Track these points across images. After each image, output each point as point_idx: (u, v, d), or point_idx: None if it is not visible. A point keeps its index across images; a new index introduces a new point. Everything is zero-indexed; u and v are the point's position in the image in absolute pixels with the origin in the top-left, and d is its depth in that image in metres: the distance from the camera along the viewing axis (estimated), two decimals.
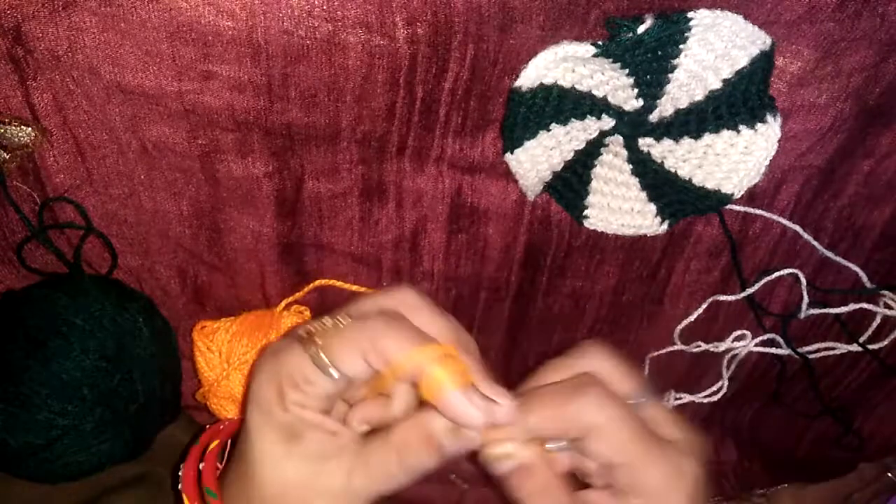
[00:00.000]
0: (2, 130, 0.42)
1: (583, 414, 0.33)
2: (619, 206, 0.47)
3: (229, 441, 0.41)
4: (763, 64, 0.41)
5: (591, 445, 0.34)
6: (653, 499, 0.34)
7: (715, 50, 0.40)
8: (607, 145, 0.45)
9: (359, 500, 0.35)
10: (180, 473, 0.38)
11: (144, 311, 0.49)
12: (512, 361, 0.58)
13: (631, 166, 0.45)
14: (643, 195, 0.46)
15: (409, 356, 0.32)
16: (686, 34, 0.39)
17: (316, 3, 0.38)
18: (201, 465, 0.38)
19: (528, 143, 0.43)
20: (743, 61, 0.40)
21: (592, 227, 0.48)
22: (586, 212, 0.47)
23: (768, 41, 0.40)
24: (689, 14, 0.39)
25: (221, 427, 0.42)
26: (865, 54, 0.42)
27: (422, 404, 0.35)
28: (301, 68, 0.40)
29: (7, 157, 0.44)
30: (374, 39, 0.39)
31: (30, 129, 0.43)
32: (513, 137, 0.43)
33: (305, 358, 0.34)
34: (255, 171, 0.45)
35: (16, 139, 0.43)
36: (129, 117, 0.43)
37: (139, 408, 0.47)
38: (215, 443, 0.40)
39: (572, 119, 0.42)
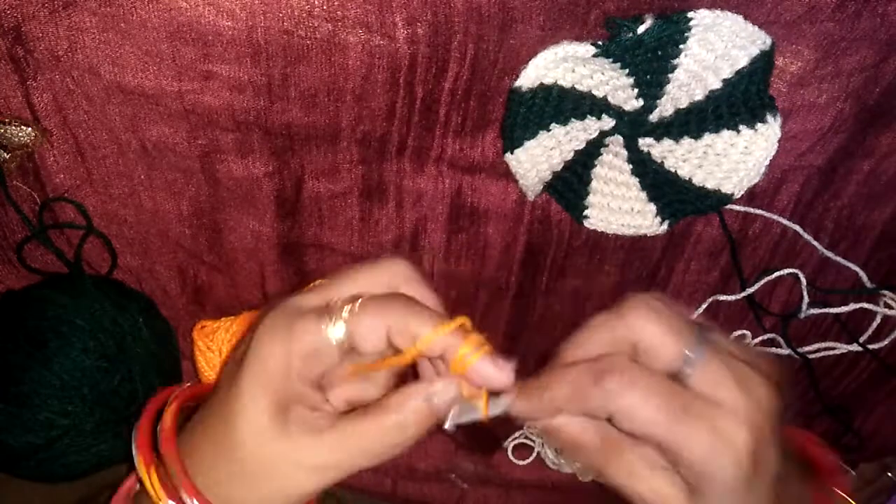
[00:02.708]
0: (2, 130, 0.42)
1: (606, 402, 0.33)
2: (619, 206, 0.47)
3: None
4: (763, 64, 0.41)
5: (623, 425, 0.33)
6: (695, 472, 0.33)
7: (715, 50, 0.40)
8: (607, 145, 0.45)
9: (343, 473, 0.35)
10: (133, 434, 0.37)
11: (144, 311, 0.49)
12: (511, 361, 0.58)
13: (631, 166, 0.45)
14: (643, 195, 0.46)
15: (436, 333, 0.33)
16: (686, 34, 0.39)
17: (316, 3, 0.38)
18: (159, 427, 0.37)
19: (528, 143, 0.43)
20: (743, 61, 0.40)
21: (592, 227, 0.48)
22: (586, 212, 0.47)
23: (768, 41, 0.40)
24: (689, 14, 0.39)
25: (179, 390, 0.41)
26: (865, 54, 0.42)
27: (398, 385, 0.36)
28: (301, 68, 0.40)
29: (7, 157, 0.44)
30: (374, 39, 0.39)
31: (30, 129, 0.43)
32: (513, 137, 0.43)
33: (323, 334, 0.34)
34: (255, 171, 0.45)
35: (16, 139, 0.43)
36: (129, 117, 0.43)
37: (139, 408, 0.47)
38: (174, 406, 0.39)
39: (572, 119, 0.42)
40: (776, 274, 0.53)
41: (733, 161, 0.44)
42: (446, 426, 0.34)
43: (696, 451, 0.32)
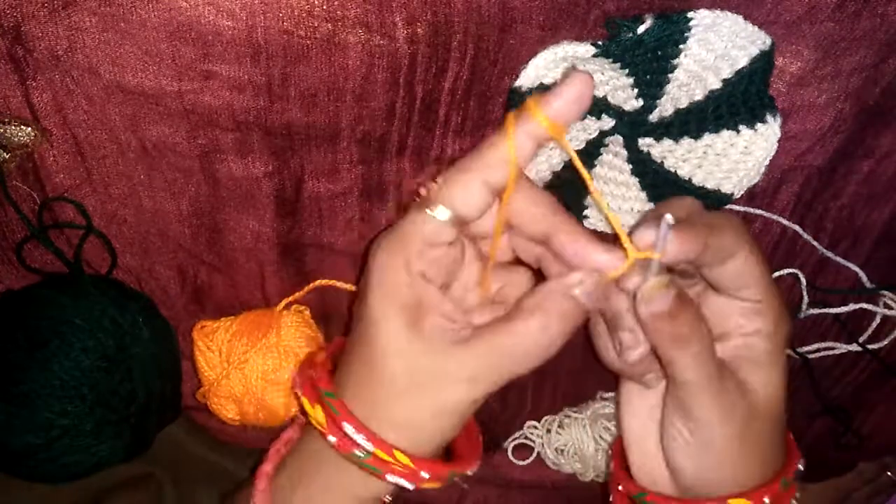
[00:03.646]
0: (2, 130, 0.42)
1: (731, 238, 0.35)
2: (619, 206, 0.47)
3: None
4: (763, 64, 0.41)
5: (733, 267, 0.35)
6: (780, 320, 0.38)
7: (715, 50, 0.40)
8: (607, 145, 0.45)
9: (496, 383, 0.35)
10: (295, 379, 0.38)
11: (144, 311, 0.49)
12: None
13: (631, 166, 0.45)
14: (643, 195, 0.46)
15: (515, 122, 0.33)
16: (686, 34, 0.39)
17: (316, 3, 0.38)
18: (313, 372, 0.38)
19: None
20: (743, 61, 0.40)
21: (592, 228, 0.48)
22: (586, 212, 0.47)
23: (768, 41, 0.40)
24: (689, 14, 0.39)
25: (327, 346, 0.42)
26: (865, 54, 0.42)
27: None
28: (301, 68, 0.40)
29: (7, 156, 0.44)
30: (374, 39, 0.39)
31: (30, 129, 0.43)
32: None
33: (423, 215, 0.34)
34: (255, 171, 0.45)
35: (16, 139, 0.43)
36: (129, 117, 0.43)
37: (139, 408, 0.47)
38: (323, 354, 0.40)
39: None
40: (776, 274, 0.53)
41: (733, 161, 0.44)
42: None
43: (779, 304, 0.38)
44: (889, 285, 0.54)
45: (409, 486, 0.36)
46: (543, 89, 0.41)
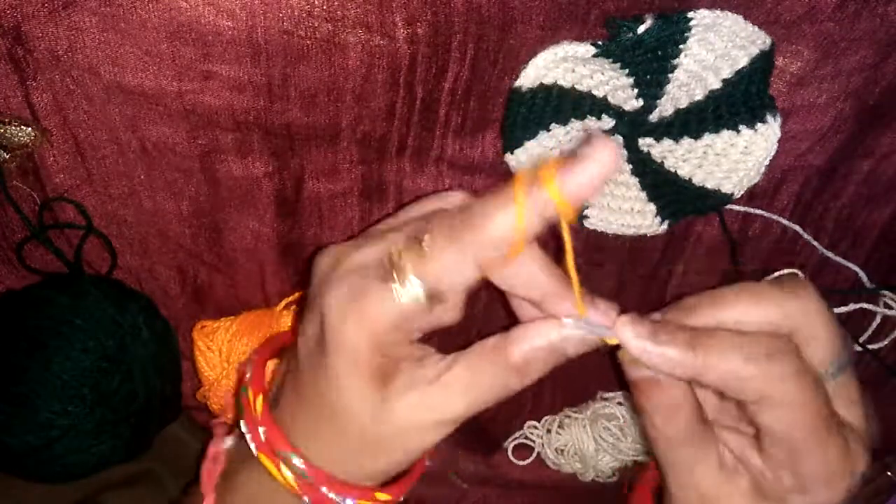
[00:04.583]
0: (2, 130, 0.42)
1: (768, 381, 0.29)
2: (619, 206, 0.47)
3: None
4: (763, 64, 0.41)
5: (764, 412, 0.30)
6: (809, 483, 0.31)
7: (715, 50, 0.40)
8: None
9: (466, 417, 0.33)
10: (246, 435, 0.35)
11: (144, 311, 0.49)
12: None
13: (631, 166, 0.45)
14: (643, 195, 0.46)
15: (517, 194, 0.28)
16: (686, 34, 0.39)
17: (316, 3, 0.38)
18: (262, 430, 0.35)
19: (528, 143, 0.43)
20: (743, 61, 0.40)
21: (592, 227, 0.48)
22: (586, 212, 0.47)
23: (768, 41, 0.40)
24: (689, 14, 0.39)
25: (249, 375, 0.38)
26: (865, 54, 0.42)
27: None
28: (301, 68, 0.40)
29: (7, 157, 0.44)
30: (374, 39, 0.39)
31: (30, 129, 0.43)
32: (513, 137, 0.43)
33: (400, 300, 0.30)
34: (255, 171, 0.45)
35: (16, 139, 0.43)
36: (129, 117, 0.43)
37: (139, 408, 0.47)
38: (259, 399, 0.36)
39: (572, 119, 0.42)
40: (776, 274, 0.52)
41: (733, 161, 0.44)
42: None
43: (818, 468, 0.30)
44: (889, 285, 0.54)
45: None
46: (544, 89, 0.41)
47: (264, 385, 0.38)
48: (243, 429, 0.36)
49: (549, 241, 0.45)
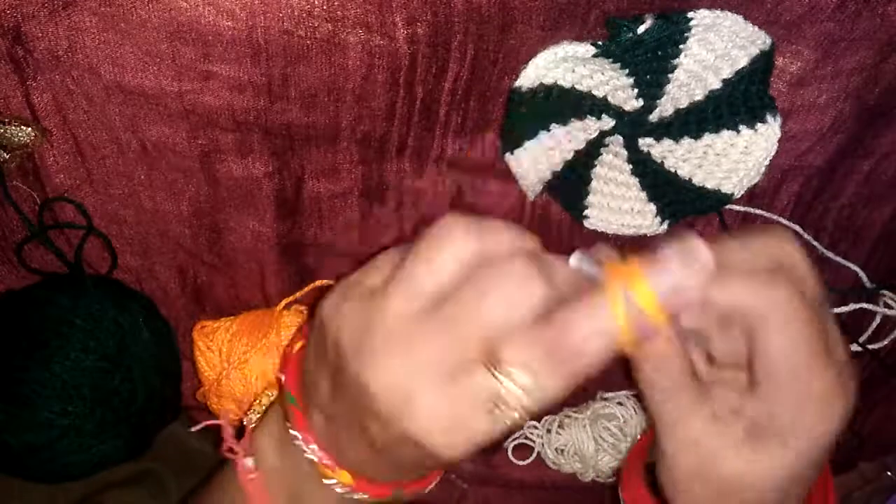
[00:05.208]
0: (2, 130, 0.42)
1: (772, 300, 0.30)
2: (619, 206, 0.47)
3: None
4: (763, 64, 0.41)
5: (765, 334, 0.30)
6: (808, 406, 0.31)
7: (715, 50, 0.40)
8: (607, 145, 0.45)
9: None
10: (315, 458, 0.35)
11: (144, 311, 0.49)
12: None
13: (631, 166, 0.45)
14: (643, 195, 0.46)
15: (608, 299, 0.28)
16: (686, 34, 0.39)
17: (316, 3, 0.38)
18: (313, 451, 0.35)
19: (528, 143, 0.43)
20: (743, 61, 0.40)
21: (592, 228, 0.48)
22: (586, 212, 0.47)
23: (768, 41, 0.40)
24: (689, 14, 0.39)
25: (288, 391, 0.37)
26: (865, 54, 0.42)
27: None
28: (301, 68, 0.40)
29: (7, 157, 0.44)
30: (374, 39, 0.39)
31: (30, 129, 0.43)
32: (513, 137, 0.43)
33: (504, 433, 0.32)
34: (255, 171, 0.45)
35: (16, 139, 0.43)
36: (129, 117, 0.43)
37: (139, 408, 0.47)
38: (297, 417, 0.35)
39: (572, 119, 0.42)
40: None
41: (733, 161, 0.44)
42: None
43: (819, 392, 0.31)
44: (889, 285, 0.54)
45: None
46: (544, 89, 0.41)
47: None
48: (314, 456, 0.35)
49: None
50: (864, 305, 0.54)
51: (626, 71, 0.40)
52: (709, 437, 0.33)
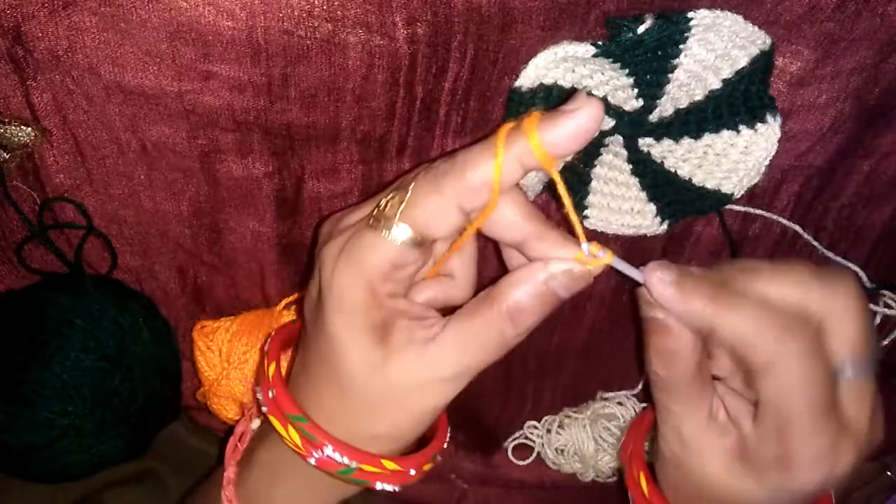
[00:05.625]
0: (2, 130, 0.42)
1: (774, 352, 0.30)
2: (619, 206, 0.47)
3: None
4: (763, 64, 0.41)
5: (763, 383, 0.31)
6: (791, 467, 0.31)
7: (715, 50, 0.40)
8: (607, 145, 0.45)
9: (469, 376, 0.33)
10: (259, 397, 0.36)
11: (144, 311, 0.49)
12: (511, 362, 0.58)
13: (631, 166, 0.45)
14: (643, 195, 0.46)
15: (498, 150, 0.30)
16: (686, 34, 0.39)
17: (316, 3, 0.38)
18: (271, 394, 0.36)
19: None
20: (743, 61, 0.40)
21: (592, 228, 0.48)
22: (586, 212, 0.47)
23: (768, 41, 0.40)
24: (689, 14, 0.39)
25: (268, 348, 0.39)
26: (865, 54, 0.42)
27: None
28: (301, 68, 0.40)
29: (7, 157, 0.44)
30: (374, 39, 0.39)
31: (30, 129, 0.43)
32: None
33: (388, 240, 0.31)
34: (255, 171, 0.45)
35: (16, 139, 0.43)
36: (129, 117, 0.43)
37: (139, 408, 0.47)
38: (272, 367, 0.37)
39: None
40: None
41: (733, 161, 0.44)
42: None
43: (806, 450, 0.31)
44: (889, 285, 0.54)
45: (397, 488, 0.35)
46: (544, 89, 0.41)
47: (279, 354, 0.39)
48: (258, 394, 0.37)
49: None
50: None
51: (626, 71, 0.40)
52: (699, 436, 0.34)
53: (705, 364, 0.34)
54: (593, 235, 0.50)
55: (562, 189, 0.31)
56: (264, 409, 0.36)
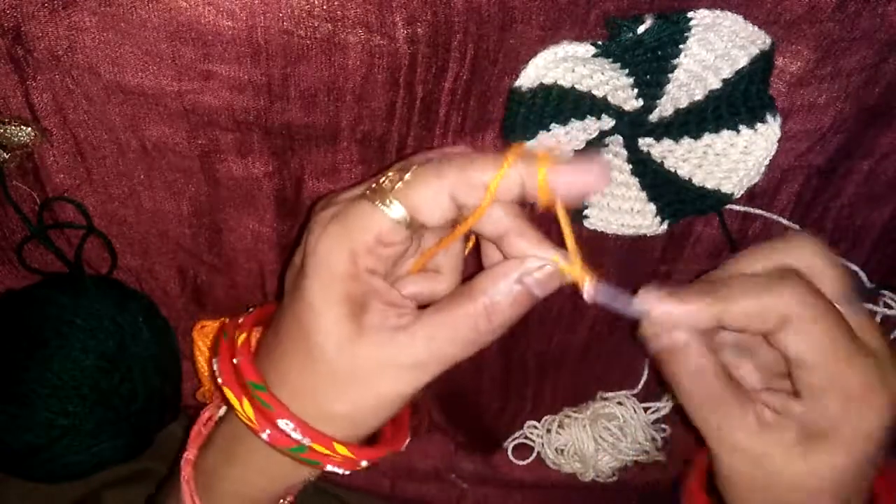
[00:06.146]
0: (2, 130, 0.42)
1: (782, 303, 0.31)
2: (619, 206, 0.47)
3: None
4: (763, 64, 0.41)
5: (788, 337, 0.31)
6: (850, 403, 0.31)
7: (715, 50, 0.40)
8: (607, 145, 0.45)
9: (438, 368, 0.33)
10: (216, 368, 0.36)
11: (144, 311, 0.49)
12: (511, 362, 0.58)
13: (631, 166, 0.45)
14: (643, 195, 0.46)
15: (505, 165, 0.31)
16: (686, 34, 0.39)
17: (316, 3, 0.38)
18: (235, 360, 0.36)
19: (527, 144, 0.43)
20: (743, 61, 0.40)
21: (592, 227, 0.48)
22: (586, 212, 0.47)
23: (768, 41, 0.40)
24: (689, 14, 0.39)
25: (242, 320, 0.39)
26: (865, 54, 0.42)
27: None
28: (301, 68, 0.40)
29: (7, 157, 0.44)
30: (374, 39, 0.39)
31: (30, 129, 0.43)
32: (512, 138, 0.43)
33: (381, 213, 0.31)
34: (255, 171, 0.45)
35: (16, 139, 0.43)
36: (129, 117, 0.43)
37: (139, 408, 0.47)
38: (243, 336, 0.37)
39: (572, 119, 0.42)
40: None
41: (733, 161, 0.44)
42: (587, 297, 0.32)
43: (856, 381, 0.31)
44: (889, 285, 0.54)
45: (346, 472, 0.35)
46: (544, 89, 0.41)
47: (252, 328, 0.39)
48: (215, 365, 0.36)
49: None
50: (864, 305, 0.54)
51: (626, 71, 0.40)
52: (757, 443, 0.33)
53: (728, 373, 0.34)
54: (594, 235, 0.50)
55: (564, 222, 0.33)
56: (219, 379, 0.35)
